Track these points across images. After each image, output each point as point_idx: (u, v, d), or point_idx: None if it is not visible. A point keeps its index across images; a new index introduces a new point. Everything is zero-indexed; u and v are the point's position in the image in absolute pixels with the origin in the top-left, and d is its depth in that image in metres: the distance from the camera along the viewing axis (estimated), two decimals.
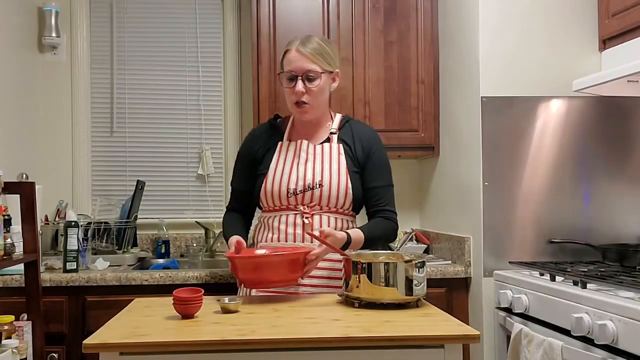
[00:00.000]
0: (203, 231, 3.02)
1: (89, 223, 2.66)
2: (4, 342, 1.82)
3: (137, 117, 3.14)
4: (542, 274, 2.09)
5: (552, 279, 1.98)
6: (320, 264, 1.87)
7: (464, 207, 2.50)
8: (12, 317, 1.92)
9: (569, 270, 2.00)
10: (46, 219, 2.82)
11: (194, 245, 2.99)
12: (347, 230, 1.89)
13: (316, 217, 1.94)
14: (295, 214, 1.94)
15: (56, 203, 2.96)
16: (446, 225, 2.72)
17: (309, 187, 1.93)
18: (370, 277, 1.59)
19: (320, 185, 1.93)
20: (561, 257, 2.30)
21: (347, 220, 2.00)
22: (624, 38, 2.21)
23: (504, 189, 2.32)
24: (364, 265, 1.60)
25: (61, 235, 2.60)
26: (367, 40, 2.76)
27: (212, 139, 3.16)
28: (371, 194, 2.01)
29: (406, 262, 1.61)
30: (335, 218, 1.97)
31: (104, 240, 2.70)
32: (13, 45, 2.74)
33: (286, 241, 1.94)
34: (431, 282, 2.37)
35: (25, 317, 2.09)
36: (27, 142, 2.87)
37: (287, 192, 1.94)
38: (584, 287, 1.80)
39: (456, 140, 2.60)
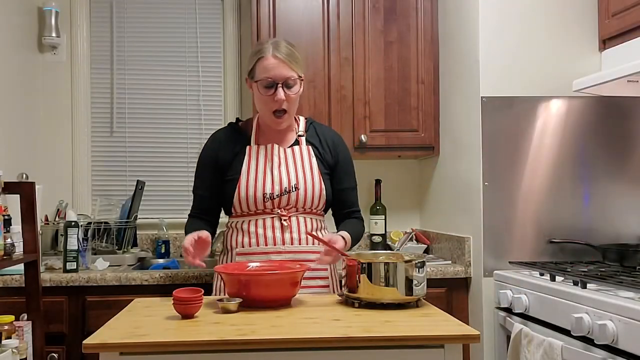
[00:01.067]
0: None
1: (89, 223, 2.66)
2: (4, 342, 1.82)
3: (137, 117, 3.14)
4: (542, 274, 2.09)
5: (552, 279, 1.98)
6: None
7: (464, 207, 2.50)
8: (12, 317, 1.92)
9: (569, 270, 2.00)
10: (46, 219, 2.82)
11: None
12: (341, 234, 1.89)
13: (293, 219, 1.94)
14: (272, 217, 1.93)
15: (56, 203, 2.96)
16: (446, 225, 2.72)
17: (285, 190, 1.92)
18: (370, 277, 1.59)
19: (297, 188, 1.93)
20: (561, 257, 2.30)
21: (319, 220, 2.02)
22: (624, 38, 2.21)
23: (504, 189, 2.32)
24: (364, 265, 1.60)
25: (61, 235, 2.60)
26: (367, 40, 2.76)
27: None
28: (341, 195, 2.05)
29: (406, 262, 1.61)
30: (311, 219, 1.98)
31: (104, 240, 2.70)
32: (13, 45, 2.74)
33: (266, 245, 1.92)
34: (431, 282, 2.37)
35: (25, 317, 2.09)
36: (27, 142, 2.87)
37: (264, 196, 1.91)
38: (584, 287, 1.80)
39: (456, 140, 2.60)
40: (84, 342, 1.29)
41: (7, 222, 2.06)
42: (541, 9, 2.37)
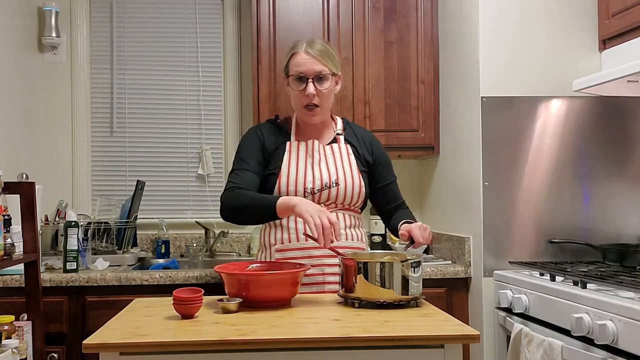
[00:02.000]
0: (203, 231, 3.02)
1: (89, 223, 2.66)
2: (4, 342, 1.82)
3: (137, 117, 3.14)
4: (542, 274, 2.09)
5: (552, 279, 1.98)
6: (334, 266, 1.88)
7: (464, 207, 2.50)
8: (12, 317, 1.92)
9: (569, 270, 2.00)
10: (46, 219, 2.82)
11: (194, 245, 2.99)
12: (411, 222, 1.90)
13: (332, 215, 1.92)
14: None
15: (56, 203, 2.96)
16: (446, 225, 2.72)
17: (325, 186, 1.94)
18: (366, 277, 1.60)
19: (337, 184, 1.95)
20: (561, 257, 2.30)
21: (355, 217, 2.03)
22: (623, 38, 2.21)
23: (504, 189, 2.32)
24: (360, 265, 1.61)
25: (61, 235, 2.60)
26: (367, 40, 2.76)
27: (212, 139, 3.16)
28: (386, 190, 2.08)
29: (402, 262, 1.61)
30: (349, 215, 1.99)
31: (104, 240, 2.70)
32: (13, 45, 2.74)
33: (306, 240, 1.88)
34: (431, 282, 2.38)
35: (25, 317, 2.09)
36: (27, 142, 2.87)
37: (304, 191, 1.93)
38: (584, 287, 1.80)
39: (456, 140, 2.60)
40: (84, 342, 1.29)
41: (7, 222, 2.05)
42: (541, 9, 2.37)
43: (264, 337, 1.32)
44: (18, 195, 2.10)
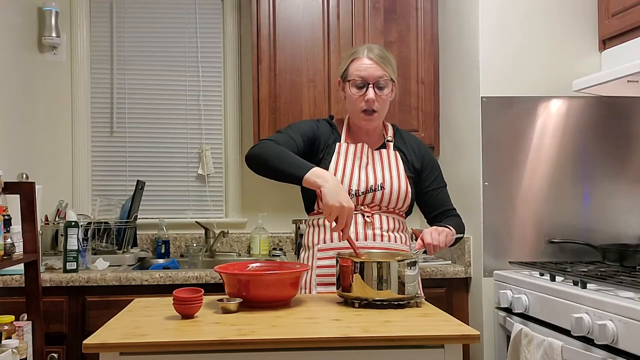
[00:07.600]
0: (203, 231, 3.02)
1: (89, 223, 2.66)
2: (4, 342, 1.82)
3: (137, 117, 3.14)
4: (542, 274, 2.09)
5: (552, 279, 1.98)
6: None
7: (464, 207, 2.49)
8: (12, 317, 1.92)
9: (569, 270, 2.00)
10: (46, 219, 2.82)
11: (194, 245, 2.99)
12: (448, 226, 1.90)
13: (376, 217, 1.94)
14: (355, 213, 1.90)
15: (56, 203, 2.96)
16: None
17: (371, 188, 1.93)
18: (362, 277, 1.60)
19: (382, 187, 1.94)
20: (561, 257, 2.31)
21: (399, 221, 2.01)
22: (623, 38, 2.21)
23: (504, 189, 2.32)
24: (356, 264, 1.61)
25: (61, 235, 2.60)
26: (367, 40, 2.76)
27: (212, 139, 3.16)
28: (432, 196, 2.04)
29: (398, 261, 1.62)
30: (393, 218, 1.98)
31: (104, 240, 2.70)
32: (13, 45, 2.75)
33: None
34: (431, 282, 2.38)
35: (25, 317, 2.09)
36: (27, 142, 2.87)
37: (349, 193, 1.91)
38: (584, 287, 1.80)
39: (456, 140, 2.60)
40: (84, 342, 1.29)
41: (7, 222, 2.05)
42: (541, 9, 2.37)
43: (264, 337, 1.32)
44: (18, 195, 2.10)
